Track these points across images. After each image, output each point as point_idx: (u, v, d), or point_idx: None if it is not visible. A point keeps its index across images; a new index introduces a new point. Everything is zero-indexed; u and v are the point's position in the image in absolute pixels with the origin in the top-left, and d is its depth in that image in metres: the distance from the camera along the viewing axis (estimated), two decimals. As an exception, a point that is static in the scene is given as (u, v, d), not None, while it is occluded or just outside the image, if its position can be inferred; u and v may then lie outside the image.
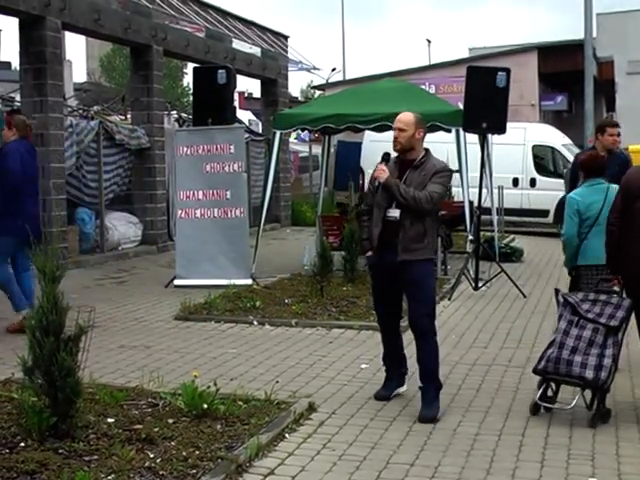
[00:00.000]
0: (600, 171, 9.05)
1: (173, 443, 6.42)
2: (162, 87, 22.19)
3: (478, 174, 14.60)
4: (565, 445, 6.76)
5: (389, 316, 8.09)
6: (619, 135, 11.53)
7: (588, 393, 7.40)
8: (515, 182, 24.65)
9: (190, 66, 30.96)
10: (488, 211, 16.29)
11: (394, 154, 7.90)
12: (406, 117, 7.79)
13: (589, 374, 7.26)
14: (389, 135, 8.21)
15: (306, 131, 20.02)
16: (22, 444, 6.23)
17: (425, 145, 7.82)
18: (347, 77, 54.60)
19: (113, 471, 5.80)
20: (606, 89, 44.70)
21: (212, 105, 15.02)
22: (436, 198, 7.59)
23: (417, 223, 7.59)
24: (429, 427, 7.21)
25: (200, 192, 14.93)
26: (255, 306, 12.32)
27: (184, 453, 6.20)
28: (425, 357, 7.65)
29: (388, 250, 7.63)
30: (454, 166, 19.29)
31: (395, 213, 7.64)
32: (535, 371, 7.67)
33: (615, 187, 8.63)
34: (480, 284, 13.94)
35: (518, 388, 8.45)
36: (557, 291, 8.01)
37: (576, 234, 8.73)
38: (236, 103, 20.10)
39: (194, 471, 5.91)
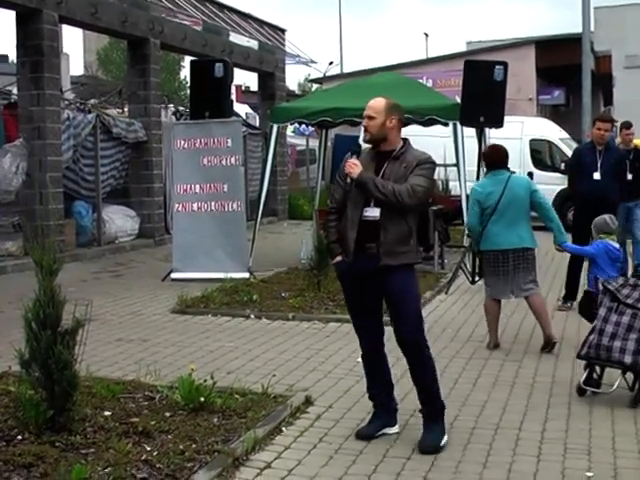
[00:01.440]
0: (501, 163, 9.81)
1: (170, 436, 6.43)
2: (159, 80, 22.21)
3: (475, 168, 14.59)
4: (561, 439, 6.77)
5: (370, 333, 7.08)
6: (612, 130, 11.68)
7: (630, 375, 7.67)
8: (512, 176, 24.62)
9: (187, 59, 30.91)
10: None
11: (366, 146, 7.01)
12: (375, 103, 6.85)
13: (627, 359, 7.51)
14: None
15: (303, 125, 20.02)
16: (19, 437, 6.23)
17: (423, 139, 7.60)
18: (344, 71, 54.55)
19: (110, 464, 5.80)
20: (604, 83, 44.70)
21: (209, 98, 15.01)
22: (420, 192, 6.59)
23: (400, 222, 6.63)
24: (426, 421, 7.21)
25: (197, 185, 14.94)
26: (252, 300, 12.32)
27: (181, 446, 6.20)
28: (422, 375, 6.78)
29: (362, 255, 6.67)
30: (451, 160, 19.33)
31: (374, 212, 6.66)
32: (579, 356, 7.91)
33: (518, 177, 9.44)
34: (477, 278, 13.93)
35: (515, 382, 8.46)
36: (596, 279, 8.23)
37: (477, 222, 9.69)
38: (233, 96, 20.06)
39: (191, 464, 5.91)
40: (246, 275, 14.40)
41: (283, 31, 30.41)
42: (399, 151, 6.74)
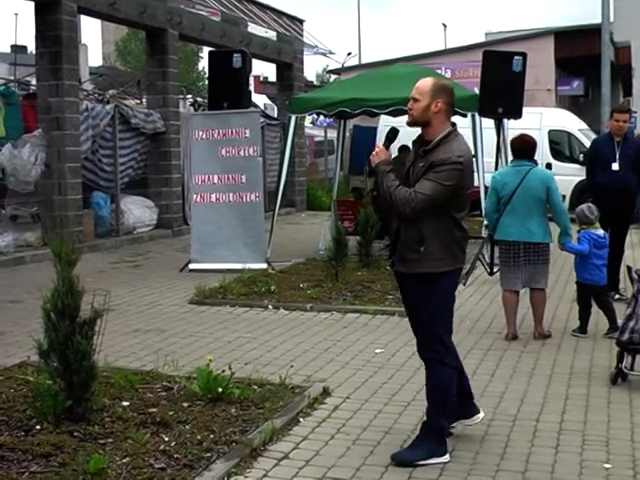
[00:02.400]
0: (526, 154, 9.87)
1: (187, 427, 6.44)
2: (177, 71, 22.20)
3: (494, 159, 14.56)
4: (580, 431, 6.75)
5: (415, 334, 6.45)
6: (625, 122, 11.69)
7: None
8: (531, 167, 24.56)
9: (205, 50, 30.92)
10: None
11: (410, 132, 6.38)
12: (421, 84, 6.21)
13: None
14: (404, 119, 7.42)
15: (322, 116, 19.99)
16: (37, 427, 6.26)
17: None
18: (362, 62, 54.50)
19: (128, 454, 5.82)
20: (623, 74, 44.46)
21: (227, 89, 15.02)
22: (419, 201, 5.88)
23: (409, 227, 6.07)
24: (443, 412, 7.20)
25: (215, 176, 14.95)
26: (270, 290, 12.33)
27: (198, 437, 6.22)
28: (426, 387, 6.33)
29: (394, 253, 6.31)
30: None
31: None
32: (619, 343, 8.01)
33: (540, 171, 9.45)
34: (495, 269, 13.89)
35: (532, 374, 8.44)
36: (629, 268, 8.33)
37: (493, 210, 9.82)
38: (251, 87, 20.08)
39: (208, 455, 5.92)
40: (264, 266, 14.41)
41: (301, 22, 30.39)
42: (436, 142, 6.08)
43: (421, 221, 5.99)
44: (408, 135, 6.62)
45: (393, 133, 6.42)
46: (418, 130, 6.23)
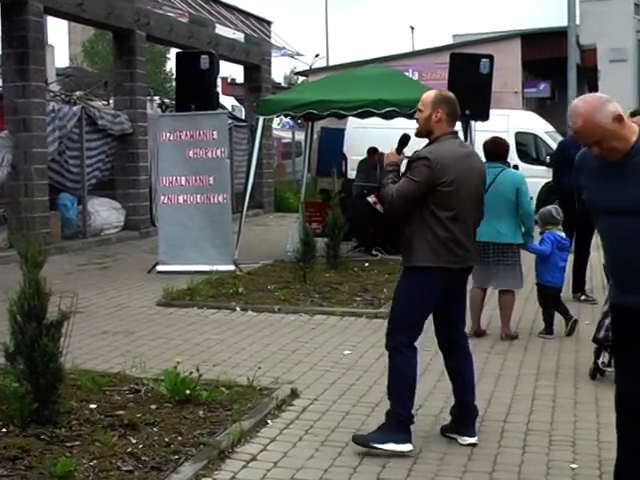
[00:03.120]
0: (499, 156, 10.07)
1: (155, 429, 6.43)
2: (145, 72, 22.15)
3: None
4: (546, 431, 6.79)
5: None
6: None
7: None
8: (498, 169, 24.65)
9: (173, 51, 30.85)
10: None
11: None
12: (425, 96, 6.65)
13: None
14: (372, 121, 7.93)
15: (289, 117, 19.99)
16: (4, 430, 6.22)
17: (410, 132, 6.80)
18: (330, 63, 54.57)
19: (95, 457, 5.80)
20: (589, 76, 44.80)
21: (195, 91, 15.00)
22: (396, 197, 6.33)
23: (404, 225, 6.50)
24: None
25: (183, 178, 14.93)
26: (238, 292, 12.31)
27: (166, 439, 6.20)
28: (388, 374, 6.55)
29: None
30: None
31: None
32: (595, 340, 8.17)
33: (511, 172, 9.54)
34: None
35: (500, 375, 8.48)
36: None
37: None
38: (219, 89, 20.02)
39: (176, 457, 5.91)
40: (232, 267, 14.40)
41: (269, 23, 30.39)
42: (423, 147, 6.51)
43: (408, 219, 6.40)
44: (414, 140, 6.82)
45: (405, 138, 6.74)
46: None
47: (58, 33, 69.32)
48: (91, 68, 57.49)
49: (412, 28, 76.22)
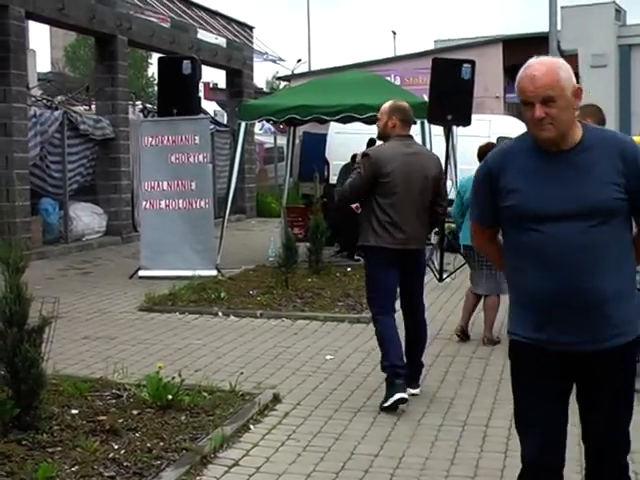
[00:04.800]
0: None
1: (137, 434, 6.41)
2: (127, 77, 22.14)
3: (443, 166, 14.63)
4: (528, 435, 6.80)
5: None
6: None
7: None
8: (480, 174, 24.70)
9: (155, 56, 30.82)
10: (453, 203, 16.34)
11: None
12: (383, 106, 7.90)
13: None
14: (354, 127, 8.70)
15: (270, 122, 20.00)
16: (-15, 436, 6.19)
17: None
18: (312, 68, 54.52)
19: (77, 462, 5.78)
20: (570, 82, 44.96)
21: (177, 96, 14.99)
22: (349, 188, 7.76)
23: (360, 213, 8.01)
24: (394, 418, 7.23)
25: (165, 183, 14.91)
26: (220, 297, 12.31)
27: (148, 444, 6.19)
28: None
29: None
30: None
31: None
32: None
33: None
34: (444, 275, 13.99)
35: (482, 379, 8.49)
36: None
37: (458, 213, 10.33)
38: (201, 94, 20.02)
39: (158, 462, 5.90)
40: (214, 273, 14.39)
41: (251, 28, 30.39)
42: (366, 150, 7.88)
43: (362, 207, 7.82)
44: None
45: (372, 141, 8.28)
46: None
47: (40, 38, 69.30)
48: (73, 73, 57.37)
49: (394, 33, 76.43)
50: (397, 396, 7.31)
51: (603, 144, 4.06)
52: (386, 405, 7.35)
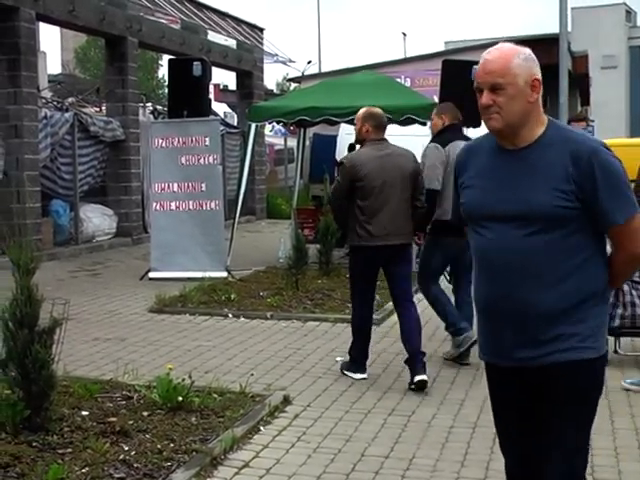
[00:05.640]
0: None
1: (147, 436, 6.41)
2: (137, 79, 22.15)
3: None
4: (539, 437, 6.78)
5: None
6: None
7: None
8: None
9: (165, 58, 30.85)
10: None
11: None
12: (358, 113, 8.58)
13: None
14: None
15: (281, 124, 19.99)
16: (-5, 437, 6.20)
17: (400, 138, 8.16)
18: (323, 70, 54.53)
19: (87, 464, 5.78)
20: (580, 83, 44.87)
21: (187, 97, 14.99)
22: (332, 194, 8.74)
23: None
24: (404, 419, 7.23)
25: (175, 184, 14.91)
26: (230, 299, 12.30)
27: (158, 446, 6.19)
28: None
29: None
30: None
31: None
32: (610, 330, 8.31)
33: None
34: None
35: (492, 381, 8.46)
36: None
37: None
38: (211, 95, 20.03)
39: (168, 464, 5.90)
40: (224, 274, 14.38)
41: (261, 30, 30.39)
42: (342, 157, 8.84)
43: (348, 210, 8.36)
44: None
45: (351, 146, 8.53)
46: None
47: (50, 39, 69.37)
48: (83, 75, 57.45)
49: (404, 35, 76.70)
50: (359, 375, 8.52)
51: (561, 145, 3.77)
52: (349, 375, 8.54)
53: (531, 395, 3.94)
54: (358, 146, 8.66)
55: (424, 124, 15.85)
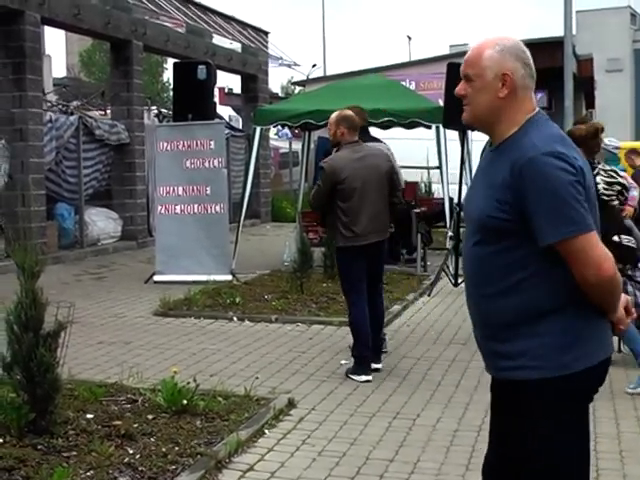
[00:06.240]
0: None
1: (152, 439, 6.41)
2: (142, 82, 22.19)
3: (458, 171, 14.63)
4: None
5: None
6: None
7: None
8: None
9: (170, 61, 30.89)
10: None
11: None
12: (331, 117, 8.89)
13: None
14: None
15: (286, 127, 20.00)
16: (0, 440, 6.19)
17: (405, 142, 8.18)
18: (327, 73, 54.52)
19: (92, 467, 5.79)
20: (585, 86, 44.82)
21: (192, 101, 15.00)
22: (312, 198, 9.00)
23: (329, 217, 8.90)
24: (409, 423, 7.23)
25: (180, 188, 14.92)
26: (235, 302, 12.31)
27: (163, 449, 6.19)
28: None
29: None
30: (434, 163, 19.25)
31: None
32: None
33: None
34: (460, 280, 13.95)
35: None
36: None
37: None
38: (216, 99, 20.04)
39: (173, 467, 5.90)
40: (229, 277, 14.39)
41: (266, 33, 30.43)
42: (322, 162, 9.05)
43: (329, 212, 8.75)
44: None
45: (327, 151, 8.87)
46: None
47: (55, 43, 69.51)
48: (88, 78, 57.52)
49: (409, 38, 76.61)
50: (364, 377, 8.51)
51: (510, 151, 3.51)
52: (355, 378, 8.53)
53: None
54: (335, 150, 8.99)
55: (429, 127, 15.88)
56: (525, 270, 3.47)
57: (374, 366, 8.76)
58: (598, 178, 8.44)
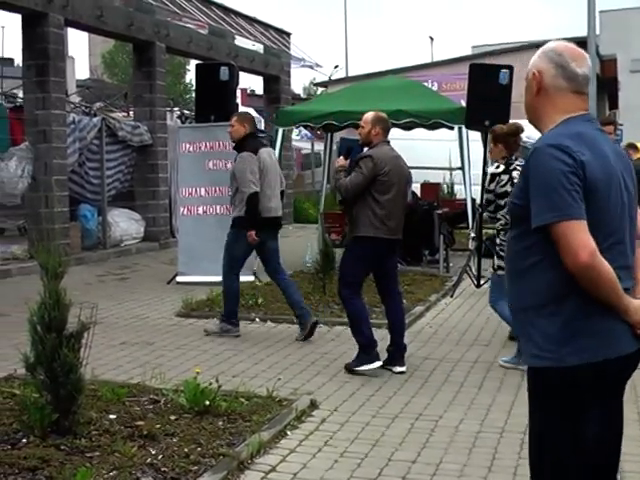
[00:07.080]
0: None
1: (175, 440, 6.42)
2: (164, 84, 22.23)
3: (481, 172, 14.60)
4: (567, 443, 6.75)
5: None
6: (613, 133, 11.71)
7: None
8: (517, 179, 24.62)
9: (193, 63, 30.94)
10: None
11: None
12: (366, 116, 9.07)
13: None
14: (391, 133, 9.11)
15: (308, 128, 20.01)
16: (24, 440, 6.22)
17: (428, 142, 8.28)
18: (349, 74, 54.51)
19: (115, 467, 5.80)
20: (609, 87, 44.65)
21: (214, 102, 15.01)
22: (351, 186, 8.70)
23: (352, 207, 8.84)
24: (431, 424, 7.21)
25: (202, 189, 14.94)
26: (257, 303, 12.32)
27: (186, 450, 6.20)
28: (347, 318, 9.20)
29: None
30: (457, 164, 19.21)
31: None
32: None
33: None
34: (482, 281, 13.92)
35: (520, 385, 8.43)
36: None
37: None
38: (238, 100, 20.08)
39: (195, 468, 5.91)
40: (251, 278, 14.38)
41: (288, 34, 30.43)
42: (364, 151, 9.08)
43: (354, 202, 8.76)
44: None
45: (350, 149, 9.54)
46: None
47: (78, 45, 69.84)
48: (111, 80, 57.73)
49: (431, 39, 76.49)
50: (377, 364, 8.77)
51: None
52: (365, 369, 8.75)
53: None
54: (366, 148, 9.12)
55: (451, 128, 15.86)
56: (535, 255, 3.62)
57: (398, 369, 8.85)
58: (514, 173, 8.96)
